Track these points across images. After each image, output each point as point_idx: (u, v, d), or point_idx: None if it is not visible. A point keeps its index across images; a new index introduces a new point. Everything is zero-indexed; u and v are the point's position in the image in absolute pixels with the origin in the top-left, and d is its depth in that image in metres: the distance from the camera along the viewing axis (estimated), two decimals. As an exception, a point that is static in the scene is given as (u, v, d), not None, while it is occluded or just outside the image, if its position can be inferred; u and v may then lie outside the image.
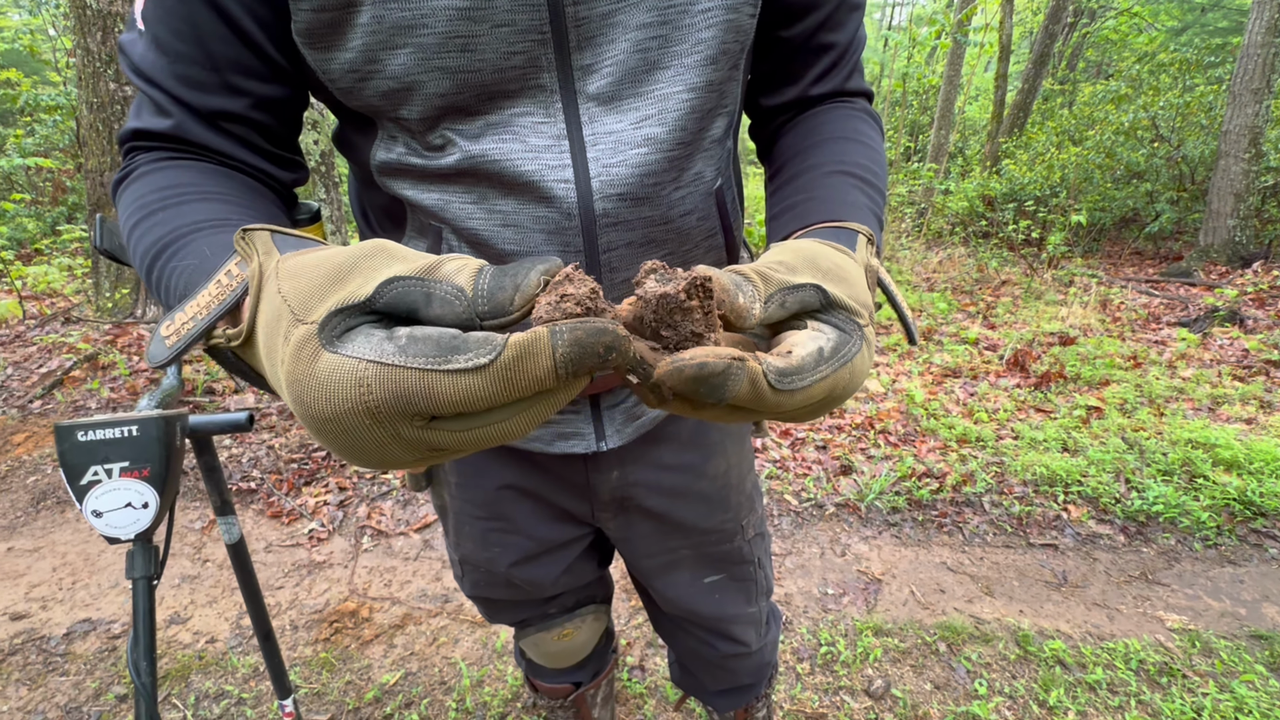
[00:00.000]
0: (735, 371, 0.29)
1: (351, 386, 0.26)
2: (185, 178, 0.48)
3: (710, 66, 0.51)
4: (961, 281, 5.37)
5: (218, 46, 0.46)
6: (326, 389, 0.26)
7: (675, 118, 0.51)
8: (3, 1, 8.55)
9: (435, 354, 0.26)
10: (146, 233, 0.44)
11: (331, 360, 0.26)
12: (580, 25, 0.47)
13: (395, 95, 0.48)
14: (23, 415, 2.83)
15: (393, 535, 2.11)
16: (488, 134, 0.49)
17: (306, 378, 0.27)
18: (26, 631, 1.71)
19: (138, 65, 0.48)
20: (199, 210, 0.45)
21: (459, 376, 0.26)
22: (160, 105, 0.48)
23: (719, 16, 0.49)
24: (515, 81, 0.48)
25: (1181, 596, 1.86)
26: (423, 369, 0.25)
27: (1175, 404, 3.00)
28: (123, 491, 0.78)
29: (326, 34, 0.45)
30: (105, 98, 3.56)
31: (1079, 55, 11.57)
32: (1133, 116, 6.41)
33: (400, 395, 0.26)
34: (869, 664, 1.62)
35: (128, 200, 0.48)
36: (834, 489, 2.36)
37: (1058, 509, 2.25)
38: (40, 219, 6.35)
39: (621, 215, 0.53)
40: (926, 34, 6.59)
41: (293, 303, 0.29)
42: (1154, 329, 4.17)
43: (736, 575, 0.88)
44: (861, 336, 0.36)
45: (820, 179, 0.55)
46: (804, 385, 0.32)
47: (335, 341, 0.27)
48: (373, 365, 0.26)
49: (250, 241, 0.34)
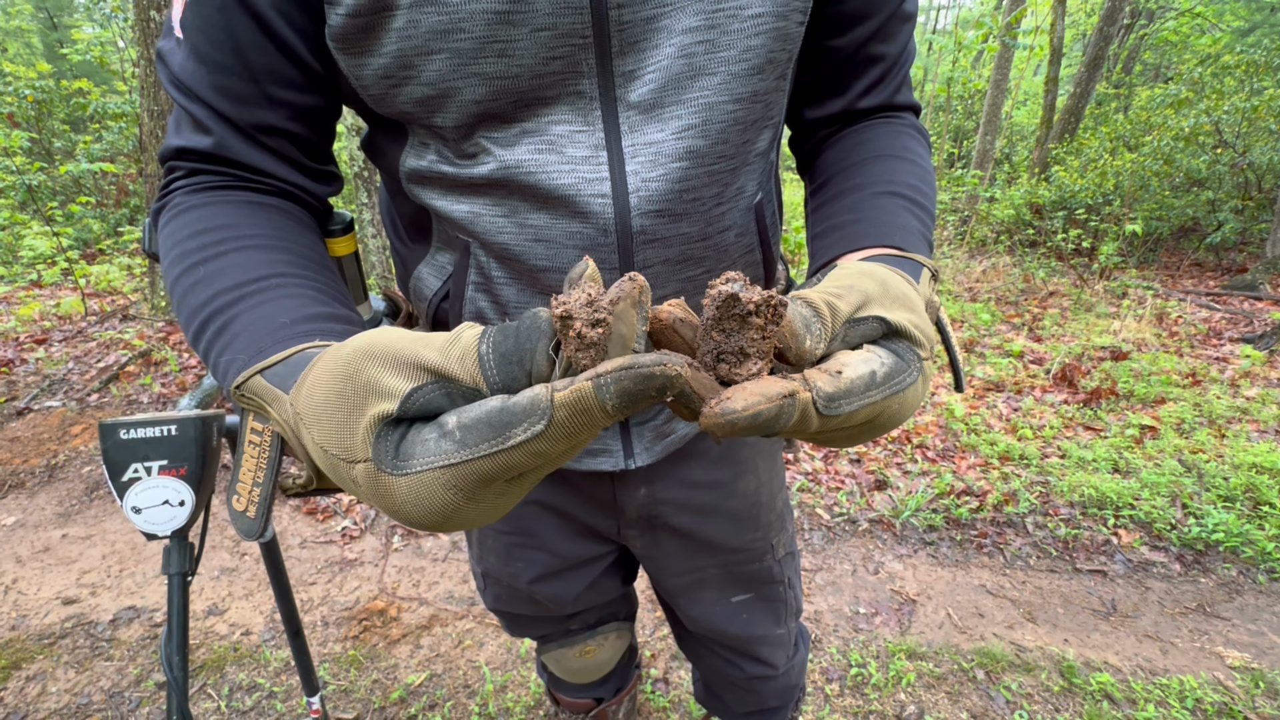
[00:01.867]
0: (786, 411, 0.28)
1: (439, 492, 0.28)
2: (222, 219, 0.48)
3: (757, 76, 0.49)
4: (1006, 292, 5.19)
5: (256, 56, 0.46)
6: (419, 505, 0.28)
7: (719, 129, 0.49)
8: (77, 15, 9.07)
9: (493, 436, 0.27)
10: (189, 292, 0.45)
11: (406, 482, 0.28)
12: (624, 29, 0.45)
13: (429, 102, 0.47)
14: (81, 408, 2.98)
15: (422, 536, 2.14)
16: (523, 141, 0.48)
17: (397, 505, 0.29)
18: (76, 616, 1.78)
19: (177, 75, 0.48)
20: (238, 267, 0.45)
21: (525, 445, 0.27)
22: (200, 121, 0.48)
23: (769, 23, 0.47)
24: (553, 88, 0.46)
25: (1244, 632, 1.75)
26: (489, 453, 0.27)
27: (1238, 425, 2.82)
28: (161, 489, 0.80)
29: (360, 38, 0.45)
30: (165, 105, 3.73)
31: (1135, 58, 11.11)
32: (1194, 121, 6.11)
33: (482, 479, 0.27)
34: (901, 689, 1.56)
35: (168, 242, 0.48)
36: (868, 504, 2.29)
37: (1107, 533, 2.14)
38: (104, 220, 6.70)
39: (659, 232, 0.51)
40: (973, 37, 6.42)
41: (335, 451, 0.30)
42: (1215, 345, 3.95)
43: (765, 595, 0.85)
44: (919, 368, 0.34)
45: (869, 199, 0.52)
46: (850, 410, 0.31)
47: (397, 464, 0.28)
48: (447, 470, 0.27)
49: (251, 395, 0.36)
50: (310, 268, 0.47)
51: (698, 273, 0.56)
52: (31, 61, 9.62)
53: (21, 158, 5.38)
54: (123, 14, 7.40)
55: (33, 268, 5.53)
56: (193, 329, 0.44)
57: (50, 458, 2.57)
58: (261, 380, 0.36)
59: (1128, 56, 10.81)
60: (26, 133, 5.77)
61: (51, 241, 5.45)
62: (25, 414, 2.91)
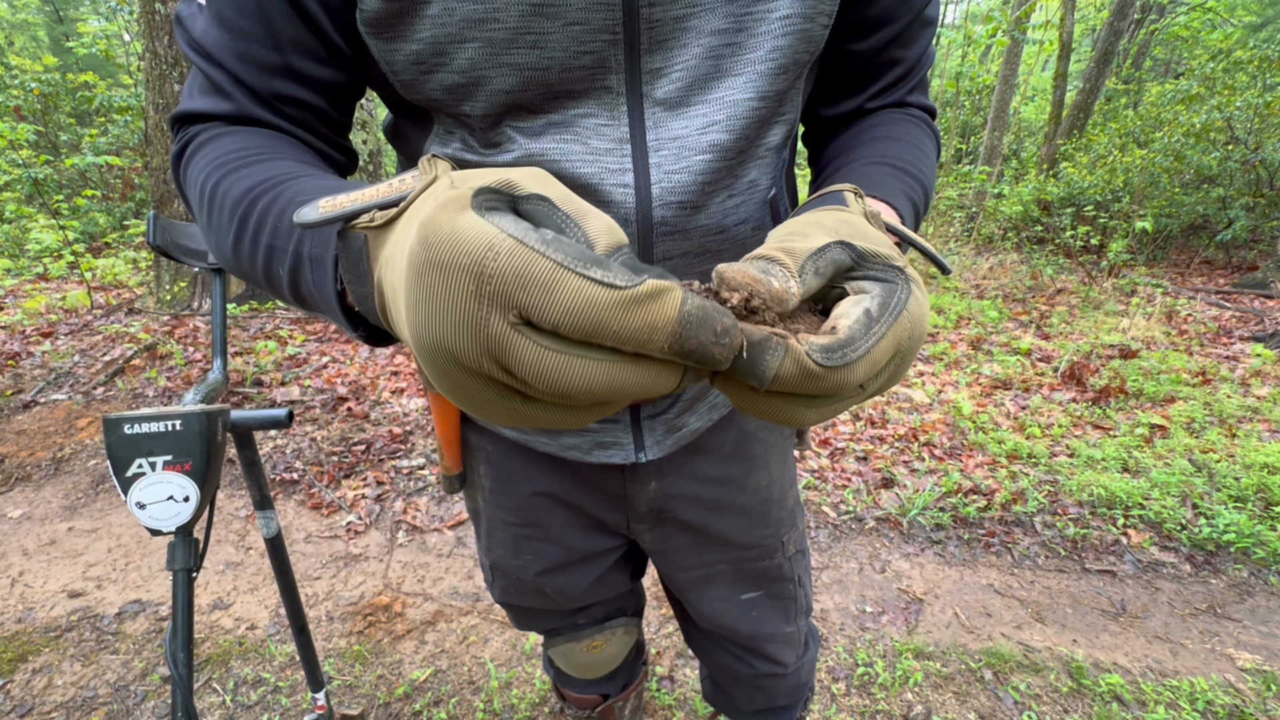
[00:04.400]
0: (775, 346, 0.28)
1: (482, 246, 0.24)
2: (259, 140, 0.47)
3: (781, 76, 0.49)
4: (1013, 289, 5.16)
5: (283, 26, 0.46)
6: (457, 239, 0.25)
7: (741, 126, 0.49)
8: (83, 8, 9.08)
9: (577, 257, 0.24)
10: (235, 184, 0.43)
11: (475, 219, 0.25)
12: (654, 28, 0.45)
13: (460, 90, 0.47)
14: (87, 401, 2.98)
15: (427, 531, 2.14)
16: (549, 132, 0.48)
17: (443, 224, 0.25)
18: (82, 609, 1.78)
19: (198, 41, 0.47)
20: (280, 166, 0.44)
21: (587, 284, 0.24)
22: (220, 86, 0.48)
23: (796, 25, 0.47)
24: (581, 81, 0.47)
25: (1255, 634, 1.73)
26: (557, 264, 0.24)
27: (1249, 425, 2.80)
28: (165, 484, 0.79)
29: (394, 24, 0.45)
30: (171, 98, 3.72)
31: (1146, 53, 11.00)
32: (1205, 117, 6.04)
33: (521, 274, 0.24)
34: (908, 688, 1.55)
35: (199, 163, 0.47)
36: (874, 502, 2.28)
37: (1116, 533, 2.12)
38: (110, 214, 6.72)
39: (679, 224, 0.51)
40: (982, 32, 6.37)
41: (454, 179, 0.29)
42: (1225, 343, 3.91)
43: (775, 593, 0.85)
44: (906, 279, 0.33)
45: (856, 168, 0.53)
46: (861, 354, 0.30)
47: (484, 210, 0.26)
48: (511, 239, 0.24)
49: (433, 163, 0.33)
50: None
51: (714, 265, 0.56)
52: (38, 55, 9.62)
53: (28, 151, 5.39)
54: (128, 7, 7.40)
55: (39, 261, 5.54)
56: (242, 208, 0.42)
57: (56, 451, 2.57)
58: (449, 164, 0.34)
59: (1138, 52, 10.71)
60: (32, 126, 5.78)
61: (57, 235, 5.46)
62: (31, 407, 2.92)
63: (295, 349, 3.49)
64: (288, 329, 3.77)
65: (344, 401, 2.97)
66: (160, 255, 1.24)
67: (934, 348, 3.75)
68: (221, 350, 1.02)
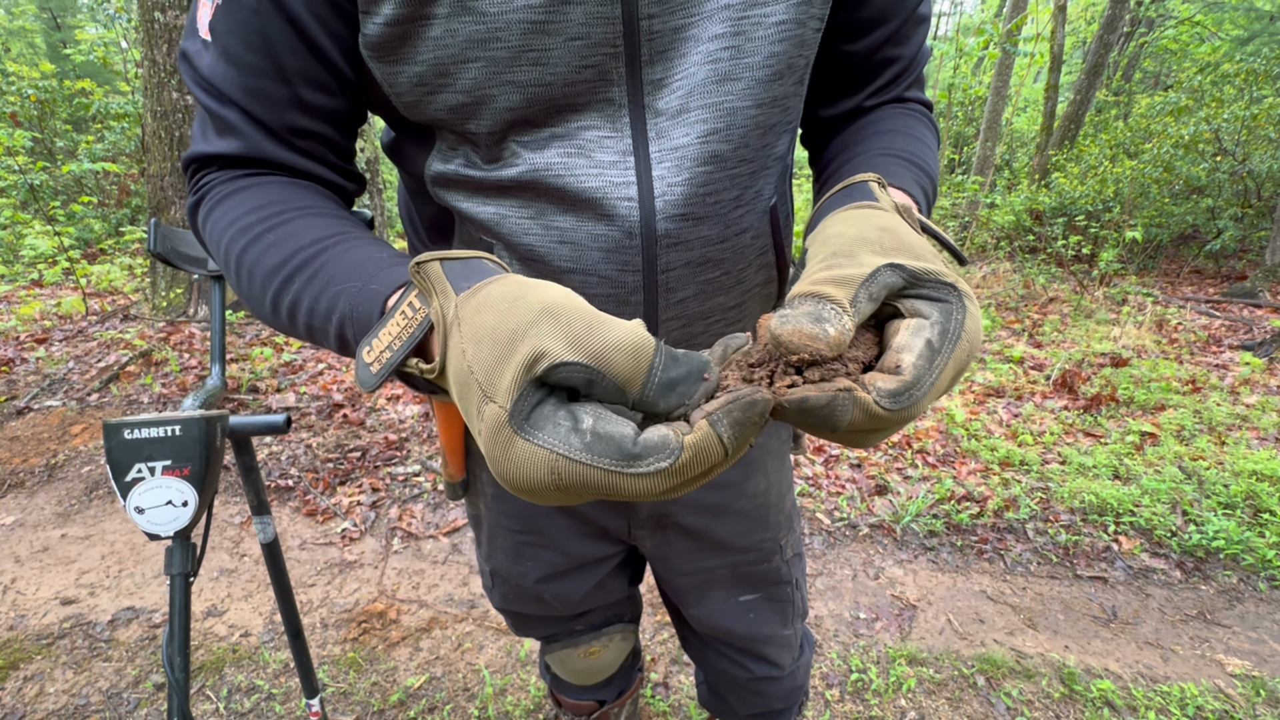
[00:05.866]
0: (843, 402, 0.30)
1: (545, 472, 0.29)
2: (273, 195, 0.48)
3: (778, 81, 0.50)
4: (1006, 298, 5.20)
5: (290, 60, 0.47)
6: (523, 470, 0.30)
7: (741, 134, 0.50)
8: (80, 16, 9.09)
9: (619, 458, 0.29)
10: (263, 256, 0.45)
11: (526, 447, 0.29)
12: (653, 39, 0.46)
13: (464, 109, 0.47)
14: (81, 407, 2.97)
15: (423, 538, 2.14)
16: (553, 145, 0.49)
17: (505, 458, 0.30)
18: (75, 616, 1.77)
19: (206, 78, 0.48)
20: (308, 229, 0.46)
21: (640, 478, 0.29)
22: (230, 124, 0.48)
23: (791, 30, 0.48)
24: (584, 95, 0.47)
25: (1244, 640, 1.74)
26: (607, 470, 0.29)
27: (1238, 432, 2.83)
28: (164, 489, 0.80)
29: (397, 47, 0.45)
30: (168, 106, 3.74)
31: (1135, 66, 11.15)
32: (1194, 129, 6.13)
33: (586, 485, 0.29)
34: (902, 694, 1.55)
35: (220, 223, 0.48)
36: (868, 509, 2.29)
37: (1108, 540, 2.14)
38: (106, 220, 6.71)
39: (682, 235, 0.52)
40: (974, 44, 6.45)
41: (479, 375, 0.32)
42: (1215, 352, 3.95)
43: (773, 595, 0.86)
44: (959, 296, 0.34)
45: (865, 161, 0.54)
46: (926, 391, 0.31)
47: (525, 426, 0.30)
48: (563, 459, 0.29)
49: (425, 276, 0.36)
50: (368, 233, 0.49)
51: (716, 275, 0.56)
52: (35, 61, 9.64)
53: (24, 157, 5.39)
54: (126, 15, 7.42)
55: (34, 267, 5.53)
56: (275, 286, 0.45)
57: (50, 457, 2.57)
58: (439, 268, 0.36)
59: (1128, 64, 10.85)
60: (29, 132, 5.77)
61: (53, 241, 5.45)
62: (25, 413, 2.91)
63: (291, 355, 3.49)
64: (283, 336, 3.77)
65: (340, 408, 2.97)
66: (160, 262, 1.25)
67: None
68: (220, 356, 1.03)
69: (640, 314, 0.55)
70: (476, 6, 0.43)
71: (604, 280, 0.53)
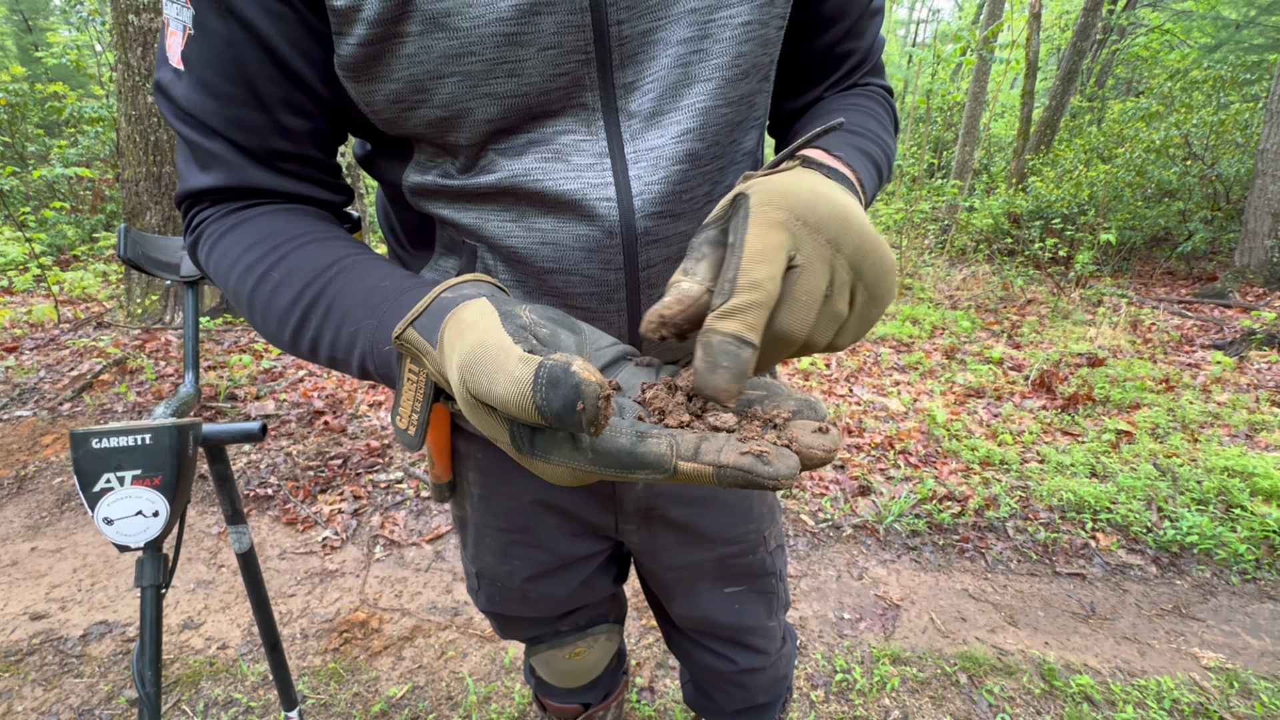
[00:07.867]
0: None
1: (568, 477, 0.34)
2: (267, 228, 0.49)
3: (744, 80, 0.51)
4: (985, 299, 5.28)
5: (268, 87, 0.47)
6: (550, 476, 0.35)
7: (713, 132, 0.52)
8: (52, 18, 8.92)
9: (620, 468, 0.33)
10: (273, 297, 0.47)
11: (545, 466, 0.34)
12: (624, 44, 0.47)
13: (442, 123, 0.48)
14: (53, 417, 2.90)
15: (405, 545, 2.11)
16: (530, 151, 0.50)
17: (533, 470, 0.35)
18: (45, 632, 1.73)
19: (186, 110, 0.47)
20: (309, 260, 0.47)
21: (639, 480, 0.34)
22: (214, 155, 0.48)
23: (755, 30, 0.50)
24: (559, 101, 0.48)
25: (1218, 633, 1.78)
26: (615, 475, 0.33)
27: (1210, 430, 2.89)
28: (134, 500, 0.78)
29: (372, 66, 0.46)
30: (143, 110, 3.67)
31: (1108, 72, 11.40)
32: (1164, 134, 6.28)
33: (602, 480, 0.34)
34: (886, 694, 1.56)
35: (222, 264, 0.49)
36: (852, 510, 2.31)
37: (1085, 537, 2.17)
38: (79, 226, 6.57)
39: (661, 232, 0.53)
40: (951, 51, 6.55)
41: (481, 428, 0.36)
42: (1187, 351, 4.04)
43: (758, 587, 0.87)
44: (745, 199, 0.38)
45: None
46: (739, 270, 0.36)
47: (535, 451, 0.34)
48: (575, 471, 0.34)
49: (408, 345, 0.39)
50: (364, 248, 0.51)
51: None
52: (5, 65, 9.44)
53: (-7, 162, 5.26)
54: (100, 18, 7.30)
55: (3, 274, 5.40)
56: (292, 325, 0.47)
57: (20, 469, 2.50)
58: (414, 332, 0.39)
59: (1100, 71, 11.10)
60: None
61: (24, 247, 5.33)
62: (-6, 424, 2.83)
63: (270, 362, 3.44)
64: (263, 343, 3.72)
65: (320, 415, 2.93)
66: (131, 269, 1.22)
67: (909, 357, 3.82)
68: (193, 363, 1.01)
69: (624, 310, 0.56)
70: (449, 22, 0.43)
71: (587, 279, 0.54)
